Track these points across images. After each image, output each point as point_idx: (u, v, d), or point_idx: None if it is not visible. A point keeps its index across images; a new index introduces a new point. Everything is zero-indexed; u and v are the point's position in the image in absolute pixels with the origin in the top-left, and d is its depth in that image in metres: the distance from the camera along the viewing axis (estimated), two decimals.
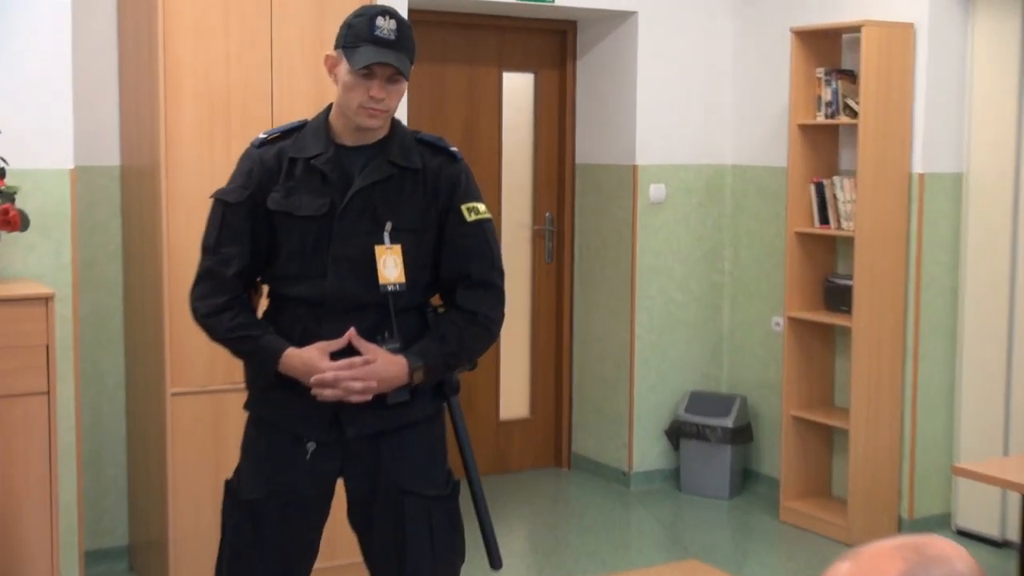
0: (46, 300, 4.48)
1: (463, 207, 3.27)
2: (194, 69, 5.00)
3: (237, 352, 3.29)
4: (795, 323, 6.11)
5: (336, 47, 3.22)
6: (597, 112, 6.79)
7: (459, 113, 6.67)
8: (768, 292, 6.56)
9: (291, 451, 3.25)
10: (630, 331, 6.61)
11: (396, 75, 3.15)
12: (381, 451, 3.24)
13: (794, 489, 6.16)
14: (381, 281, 3.18)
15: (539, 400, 7.04)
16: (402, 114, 5.90)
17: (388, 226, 3.20)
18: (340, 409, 3.20)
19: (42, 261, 4.84)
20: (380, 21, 3.13)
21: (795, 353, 6.13)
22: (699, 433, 6.49)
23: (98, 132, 5.37)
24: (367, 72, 3.12)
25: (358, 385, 3.11)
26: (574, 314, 6.99)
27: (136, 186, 5.28)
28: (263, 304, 3.40)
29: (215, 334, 3.28)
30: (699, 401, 6.61)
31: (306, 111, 3.36)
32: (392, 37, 3.13)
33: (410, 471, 3.24)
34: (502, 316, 3.31)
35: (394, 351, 3.17)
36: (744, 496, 6.58)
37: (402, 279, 3.20)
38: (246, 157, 3.32)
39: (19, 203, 4.67)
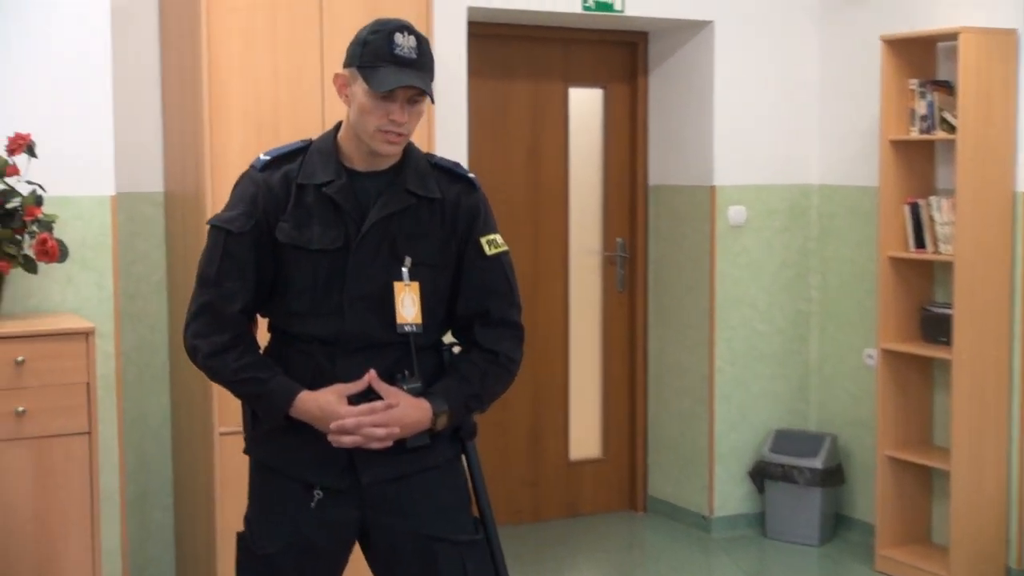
0: (86, 335, 4.31)
1: (483, 240, 3.06)
2: (241, 88, 4.78)
3: (243, 395, 3.03)
4: (889, 355, 5.68)
5: (348, 65, 2.95)
6: (671, 129, 6.40)
7: (522, 132, 6.31)
8: (859, 322, 6.13)
9: (302, 499, 3.01)
10: (709, 364, 6.20)
11: (418, 96, 2.91)
12: (402, 497, 3.01)
13: (890, 535, 5.73)
14: (399, 321, 2.95)
15: (612, 439, 6.63)
16: (461, 134, 5.58)
17: (408, 261, 2.97)
18: (355, 454, 2.96)
19: (82, 293, 4.62)
20: (399, 38, 2.90)
21: (890, 388, 5.70)
22: (785, 475, 6.06)
23: (140, 157, 5.16)
24: (387, 94, 2.87)
25: (380, 432, 2.89)
26: (648, 346, 6.59)
27: (180, 214, 5.02)
28: (262, 338, 3.12)
29: (219, 376, 3.01)
30: (785, 440, 6.18)
31: None
32: (413, 56, 2.90)
33: (437, 516, 3.04)
34: (522, 356, 3.11)
35: (414, 392, 2.96)
36: (835, 543, 6.14)
37: (419, 319, 2.97)
38: (248, 181, 3.03)
39: (57, 232, 4.48)
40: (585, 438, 6.59)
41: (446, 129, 5.52)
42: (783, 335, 6.36)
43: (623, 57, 6.52)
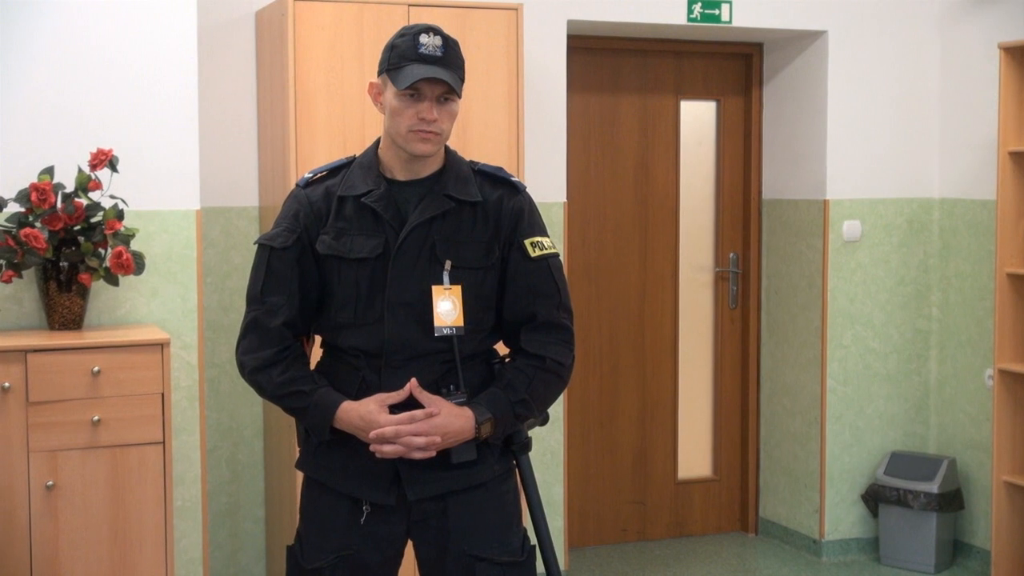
0: (161, 346, 4.36)
1: (527, 242, 3.02)
2: (327, 104, 4.85)
3: (289, 409, 3.03)
4: (1007, 376, 5.41)
5: (379, 73, 2.98)
6: (785, 142, 6.23)
7: (631, 146, 6.21)
8: (980, 341, 5.85)
9: (351, 515, 3.01)
10: (821, 384, 6.00)
11: (447, 94, 2.93)
12: (448, 514, 3.00)
13: (1007, 565, 5.45)
14: (436, 324, 2.92)
15: (723, 459, 6.48)
16: (559, 148, 5.55)
17: (448, 265, 2.95)
18: (401, 469, 2.95)
19: (166, 306, 4.70)
20: (424, 38, 2.91)
21: (1007, 410, 5.43)
22: (900, 499, 5.83)
23: (238, 172, 5.25)
24: (414, 93, 2.90)
25: (420, 440, 2.87)
26: (761, 364, 6.41)
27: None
28: (316, 353, 3.13)
29: (264, 391, 3.03)
30: (900, 463, 5.94)
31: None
32: (439, 54, 2.91)
33: (481, 536, 3.01)
34: (573, 360, 3.05)
35: (461, 405, 2.92)
36: (953, 571, 5.88)
37: (460, 322, 2.94)
38: (292, 198, 3.08)
39: (144, 246, 4.60)
40: (695, 457, 6.45)
41: (542, 143, 5.49)
42: (900, 354, 6.11)
43: (737, 69, 6.38)
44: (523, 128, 5.08)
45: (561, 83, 5.58)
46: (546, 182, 5.52)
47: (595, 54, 6.05)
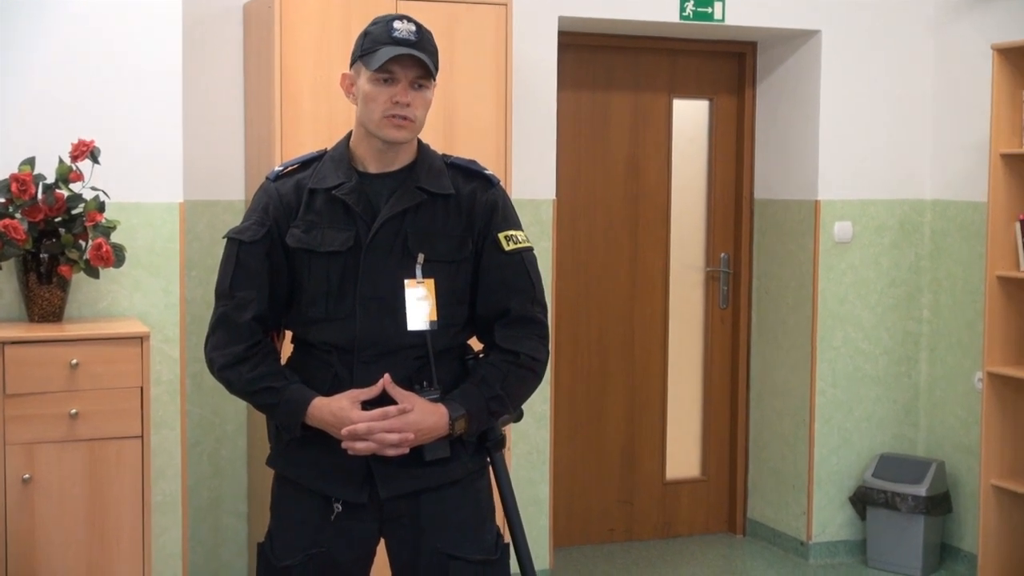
0: (141, 339, 4.34)
1: (501, 236, 2.98)
2: (313, 98, 4.80)
3: (259, 406, 2.99)
4: (996, 380, 5.38)
5: (352, 62, 2.95)
6: (777, 142, 6.19)
7: (623, 145, 6.18)
8: (971, 344, 5.82)
9: (322, 513, 2.97)
10: (810, 385, 5.96)
11: (422, 79, 2.88)
12: (421, 512, 2.96)
13: (994, 569, 5.42)
14: (409, 318, 2.89)
15: (711, 459, 6.44)
16: (548, 144, 5.52)
17: (420, 258, 2.91)
18: (373, 466, 2.90)
19: (148, 299, 4.69)
20: (398, 24, 2.89)
21: (995, 414, 5.40)
22: (888, 501, 5.79)
23: (224, 165, 5.22)
24: (388, 77, 2.86)
25: (393, 437, 2.83)
26: (751, 365, 6.38)
27: None
28: (287, 349, 3.09)
29: (234, 388, 2.99)
30: (889, 465, 5.90)
31: (432, 136, 3.05)
32: (413, 38, 2.87)
33: (454, 534, 2.97)
34: (547, 356, 3.01)
35: (434, 401, 2.88)
36: (940, 574, 5.85)
37: (433, 317, 2.90)
38: (262, 191, 3.04)
39: (127, 238, 4.57)
40: (683, 457, 6.42)
41: (531, 140, 5.46)
42: (889, 356, 6.08)
43: (731, 68, 6.34)
44: (511, 125, 5.04)
45: (551, 80, 5.55)
46: (535, 179, 5.49)
47: (587, 51, 6.02)
